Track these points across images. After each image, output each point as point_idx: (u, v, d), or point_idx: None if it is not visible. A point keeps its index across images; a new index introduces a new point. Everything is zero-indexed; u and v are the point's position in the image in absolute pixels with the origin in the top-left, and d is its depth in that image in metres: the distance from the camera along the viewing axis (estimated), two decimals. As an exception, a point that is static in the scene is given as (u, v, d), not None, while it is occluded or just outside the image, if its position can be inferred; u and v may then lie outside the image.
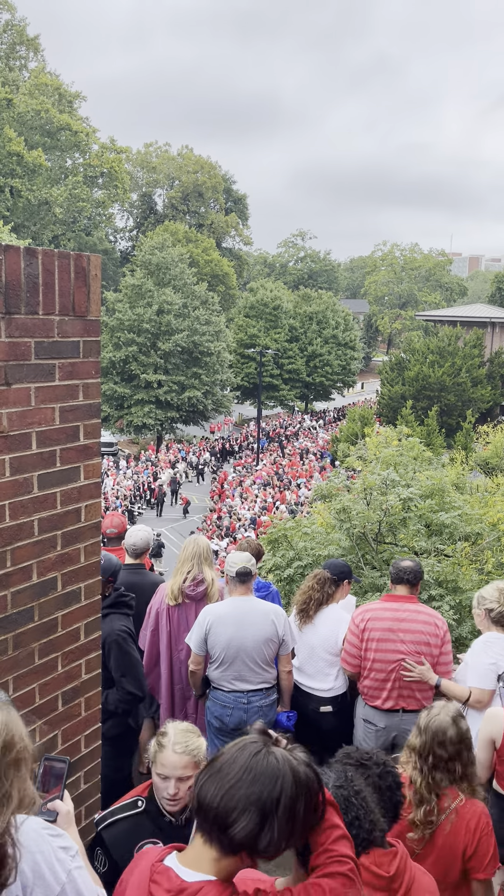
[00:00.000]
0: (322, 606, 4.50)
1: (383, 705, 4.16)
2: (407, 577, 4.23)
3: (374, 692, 4.18)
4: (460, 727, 2.79)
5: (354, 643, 4.20)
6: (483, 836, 2.75)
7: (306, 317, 57.27)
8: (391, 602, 4.23)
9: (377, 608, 4.23)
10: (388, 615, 4.16)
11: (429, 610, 4.28)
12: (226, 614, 4.17)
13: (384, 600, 4.29)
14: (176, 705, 4.64)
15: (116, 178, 60.75)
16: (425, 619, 4.17)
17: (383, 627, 4.13)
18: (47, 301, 2.73)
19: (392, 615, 4.16)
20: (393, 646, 4.10)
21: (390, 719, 4.17)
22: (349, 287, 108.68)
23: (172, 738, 2.67)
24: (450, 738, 2.76)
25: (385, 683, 4.14)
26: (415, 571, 4.25)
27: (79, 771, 3.19)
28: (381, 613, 4.18)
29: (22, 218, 53.48)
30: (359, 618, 4.22)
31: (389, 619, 4.15)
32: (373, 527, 7.29)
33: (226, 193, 74.86)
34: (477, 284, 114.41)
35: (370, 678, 4.17)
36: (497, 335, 47.00)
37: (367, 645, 4.14)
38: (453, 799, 2.75)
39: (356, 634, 4.19)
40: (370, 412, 34.22)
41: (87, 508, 3.04)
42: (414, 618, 4.15)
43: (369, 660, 4.14)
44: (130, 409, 43.64)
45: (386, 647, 4.11)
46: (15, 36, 58.62)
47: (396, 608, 4.18)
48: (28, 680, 2.85)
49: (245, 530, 28.31)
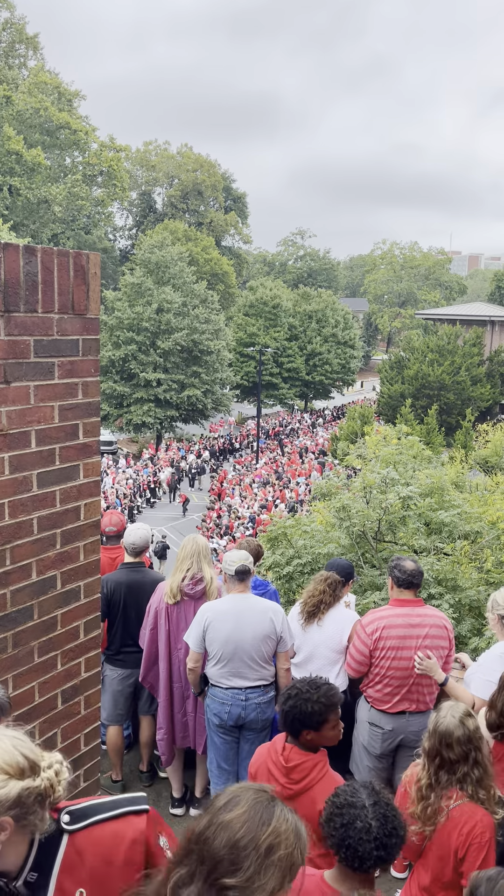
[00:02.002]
0: (330, 608, 4.50)
1: (393, 709, 4.14)
2: (416, 580, 4.19)
3: (386, 698, 4.15)
4: (468, 728, 2.79)
5: (364, 651, 4.13)
6: (474, 846, 2.69)
7: (306, 315, 57.24)
8: (401, 607, 4.15)
9: (389, 615, 4.14)
10: (400, 622, 4.10)
11: (437, 612, 4.24)
12: (224, 611, 4.18)
13: (394, 605, 4.20)
14: (175, 703, 4.64)
15: (116, 177, 60.64)
16: (436, 622, 4.14)
17: (398, 635, 4.07)
18: (46, 299, 2.73)
19: (405, 621, 4.10)
20: (409, 653, 4.05)
21: (397, 721, 4.15)
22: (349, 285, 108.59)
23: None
24: (456, 739, 2.77)
25: (400, 689, 4.10)
26: (420, 573, 4.21)
27: (78, 769, 3.20)
28: (394, 620, 4.11)
29: (21, 216, 53.40)
30: (371, 626, 4.13)
31: (403, 626, 4.09)
32: (372, 525, 7.29)
33: (225, 192, 74.76)
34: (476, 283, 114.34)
35: (383, 684, 4.13)
36: (497, 333, 46.98)
37: (382, 654, 4.08)
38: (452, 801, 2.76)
39: (366, 644, 4.12)
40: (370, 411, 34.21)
41: (86, 507, 3.04)
42: (426, 622, 4.11)
43: (383, 668, 4.08)
44: (130, 408, 43.61)
45: (402, 655, 4.06)
46: (14, 34, 58.51)
47: (408, 613, 4.12)
48: (28, 678, 2.85)
49: (245, 529, 28.29)
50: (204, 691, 4.34)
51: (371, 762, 4.27)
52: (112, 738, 5.07)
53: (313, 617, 4.47)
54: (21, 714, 2.83)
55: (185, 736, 4.69)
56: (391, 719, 4.15)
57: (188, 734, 4.68)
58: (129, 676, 5.03)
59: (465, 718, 2.82)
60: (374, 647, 4.10)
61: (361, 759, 4.33)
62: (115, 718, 5.08)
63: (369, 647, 4.11)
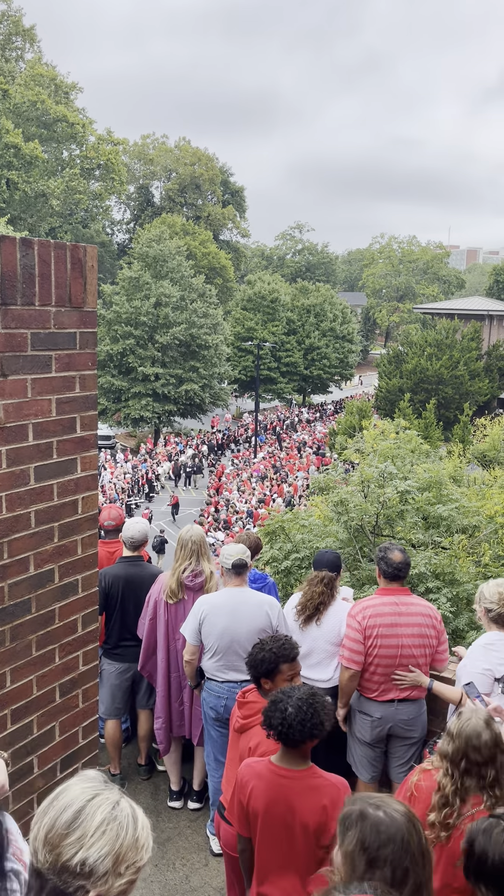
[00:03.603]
0: (327, 607, 4.50)
1: (381, 697, 4.17)
2: (403, 573, 4.22)
3: (374, 685, 4.18)
4: (494, 731, 2.74)
5: (358, 639, 4.15)
6: None
7: (304, 309, 57.16)
8: (389, 596, 4.20)
9: (377, 604, 4.19)
10: (388, 610, 4.14)
11: (423, 601, 4.30)
12: (220, 604, 4.19)
13: (381, 594, 4.25)
14: (172, 694, 4.66)
15: (113, 170, 60.43)
16: (422, 610, 4.19)
17: (386, 623, 4.11)
18: (43, 292, 2.72)
19: (392, 609, 4.14)
20: (396, 640, 4.09)
21: (386, 710, 4.18)
22: (347, 280, 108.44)
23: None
24: (484, 743, 2.70)
25: (386, 678, 4.14)
26: (407, 564, 4.25)
27: (76, 762, 3.20)
28: (381, 609, 4.15)
29: (18, 210, 53.22)
30: (360, 615, 4.17)
31: (391, 614, 4.13)
32: (370, 519, 7.29)
33: (223, 185, 74.51)
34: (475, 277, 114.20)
35: (370, 672, 4.17)
36: (495, 328, 46.96)
37: (371, 642, 4.11)
38: (473, 806, 2.71)
39: (359, 631, 4.14)
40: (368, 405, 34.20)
41: (84, 500, 3.04)
42: (413, 610, 4.16)
43: (371, 655, 4.13)
44: (128, 402, 43.58)
45: (389, 643, 4.10)
46: (10, 26, 58.21)
47: (396, 602, 4.17)
48: (25, 671, 2.85)
49: (243, 524, 28.31)
50: (200, 684, 4.35)
51: (363, 750, 4.31)
52: (110, 732, 5.08)
53: (312, 619, 4.47)
54: (19, 708, 2.83)
55: (182, 724, 4.71)
56: (379, 707, 4.18)
57: (184, 723, 4.70)
58: (127, 670, 5.04)
59: (490, 721, 2.79)
60: (365, 635, 4.13)
61: (355, 749, 4.36)
62: (113, 712, 5.09)
63: (362, 634, 4.14)
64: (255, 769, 2.88)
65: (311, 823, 2.75)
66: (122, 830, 1.38)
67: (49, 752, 3.02)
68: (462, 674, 3.90)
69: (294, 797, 2.77)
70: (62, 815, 1.37)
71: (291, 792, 2.78)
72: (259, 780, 2.83)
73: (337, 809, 2.45)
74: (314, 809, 2.74)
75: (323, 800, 2.73)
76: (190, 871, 4.24)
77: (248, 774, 2.89)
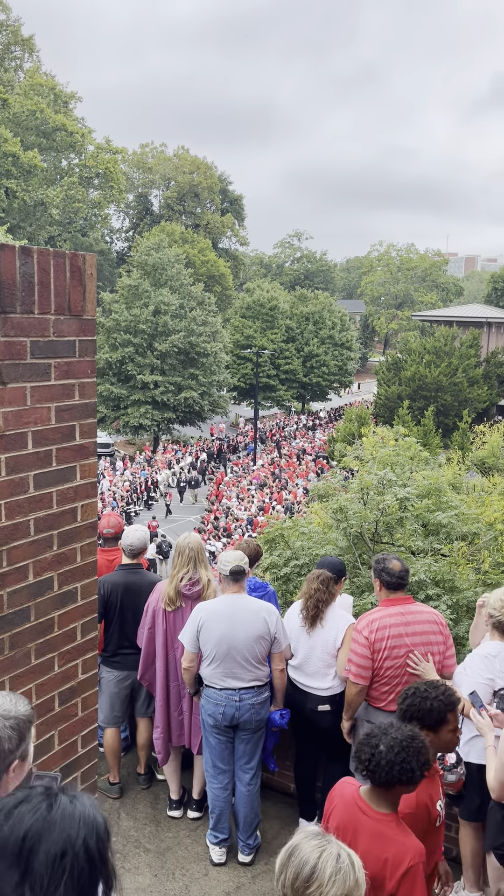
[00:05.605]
0: (327, 607, 4.49)
1: (389, 707, 4.14)
2: (404, 581, 4.18)
3: (381, 696, 4.15)
4: None
5: (366, 654, 4.08)
6: None
7: (303, 317, 57.29)
8: (394, 607, 4.14)
9: (383, 615, 4.12)
10: (394, 620, 4.09)
11: (428, 608, 4.26)
12: (218, 612, 4.17)
13: (386, 605, 4.19)
14: (171, 703, 4.64)
15: (112, 179, 60.67)
16: (428, 617, 4.14)
17: (394, 634, 4.07)
18: (43, 300, 2.72)
19: (399, 619, 4.09)
20: (404, 650, 4.05)
21: (390, 719, 4.16)
22: (345, 287, 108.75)
23: None
24: None
25: (397, 688, 4.10)
26: (407, 571, 4.22)
27: (75, 771, 3.19)
28: (388, 620, 4.09)
29: (18, 219, 53.38)
30: (366, 630, 4.10)
31: (398, 625, 4.08)
32: (370, 526, 7.29)
33: (222, 194, 74.81)
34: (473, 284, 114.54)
35: (380, 683, 4.13)
36: (493, 335, 47.08)
37: (380, 655, 4.06)
38: None
39: (366, 646, 4.08)
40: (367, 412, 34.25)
41: (83, 508, 3.04)
42: (419, 619, 4.11)
43: (381, 668, 4.08)
44: (127, 410, 43.60)
45: (397, 654, 4.05)
46: (9, 36, 58.52)
47: (402, 612, 4.12)
48: (24, 680, 2.84)
49: (243, 531, 28.28)
50: (199, 691, 4.34)
51: None
52: (109, 741, 5.05)
53: (316, 619, 4.45)
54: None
55: (181, 734, 4.69)
56: (387, 717, 4.15)
57: (184, 732, 4.68)
58: (126, 678, 5.02)
59: None
60: (373, 649, 4.09)
61: None
62: (112, 720, 5.07)
63: (370, 648, 4.09)
64: (346, 789, 2.75)
65: (367, 870, 2.58)
66: (347, 878, 1.80)
67: (48, 762, 3.00)
68: (461, 681, 3.88)
69: (361, 835, 2.59)
70: (302, 870, 1.80)
71: (361, 828, 2.61)
72: (341, 800, 2.72)
73: (398, 870, 2.45)
74: (374, 858, 2.51)
75: (386, 853, 2.51)
76: (189, 880, 4.21)
77: (338, 790, 2.78)
